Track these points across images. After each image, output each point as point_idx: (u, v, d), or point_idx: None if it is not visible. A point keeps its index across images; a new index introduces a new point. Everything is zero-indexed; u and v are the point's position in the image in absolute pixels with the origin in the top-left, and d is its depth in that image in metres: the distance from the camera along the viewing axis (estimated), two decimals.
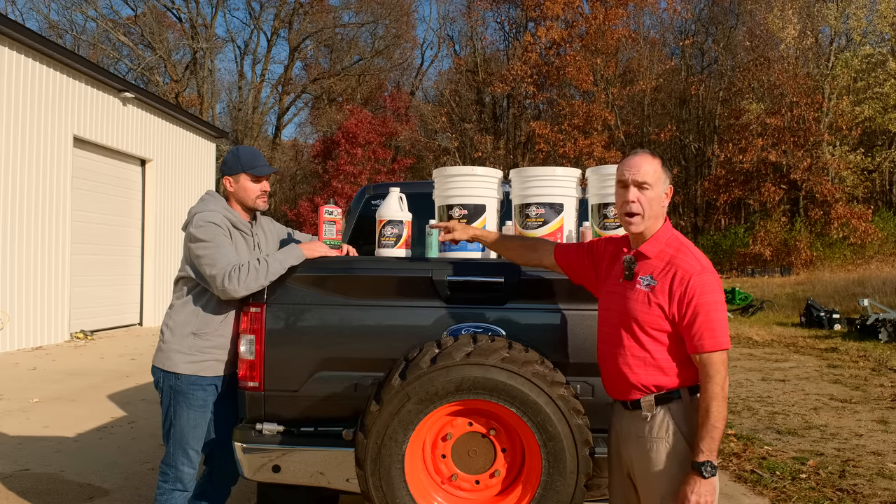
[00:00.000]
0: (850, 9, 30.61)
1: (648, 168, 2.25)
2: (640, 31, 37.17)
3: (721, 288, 2.20)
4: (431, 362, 2.46)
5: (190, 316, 2.91)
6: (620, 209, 2.30)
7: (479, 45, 40.27)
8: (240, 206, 3.06)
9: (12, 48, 10.83)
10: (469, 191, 3.05)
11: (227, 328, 2.93)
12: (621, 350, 2.26)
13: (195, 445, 2.94)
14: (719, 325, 2.12)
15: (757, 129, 31.11)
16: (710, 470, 2.07)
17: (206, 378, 2.92)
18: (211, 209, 2.94)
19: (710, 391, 2.09)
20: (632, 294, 2.25)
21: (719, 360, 2.10)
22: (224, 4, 41.26)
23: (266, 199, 3.10)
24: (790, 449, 5.57)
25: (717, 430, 2.08)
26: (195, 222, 2.88)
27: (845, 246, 28.84)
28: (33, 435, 5.75)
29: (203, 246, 2.82)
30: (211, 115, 36.62)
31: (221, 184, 3.11)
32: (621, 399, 2.30)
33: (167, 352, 2.93)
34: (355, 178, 30.62)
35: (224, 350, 2.94)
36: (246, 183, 3.02)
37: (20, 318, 10.86)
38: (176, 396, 2.91)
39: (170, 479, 2.94)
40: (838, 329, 14.06)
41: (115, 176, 13.88)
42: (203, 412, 2.93)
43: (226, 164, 3.07)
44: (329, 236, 3.06)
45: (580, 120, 33.43)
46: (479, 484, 2.62)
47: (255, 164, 3.03)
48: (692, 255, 2.21)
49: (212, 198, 3.05)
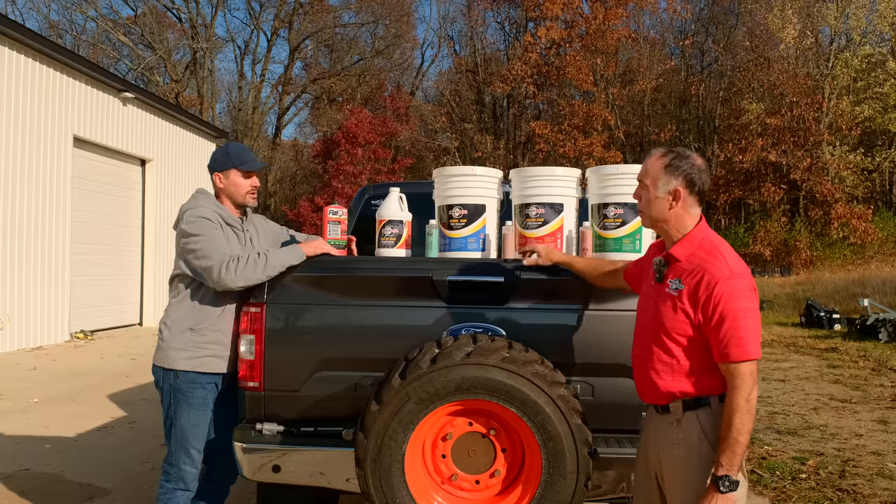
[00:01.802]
0: (850, 9, 30.62)
1: (647, 167, 2.23)
2: (640, 31, 37.19)
3: (752, 294, 2.06)
4: (431, 362, 2.46)
5: (186, 312, 2.91)
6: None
7: (479, 45, 40.31)
8: (230, 203, 3.06)
9: (12, 48, 10.83)
10: (469, 191, 3.05)
11: (223, 323, 2.92)
12: (650, 354, 2.22)
13: (196, 444, 2.94)
14: (748, 334, 2.00)
15: (757, 129, 31.13)
16: (728, 485, 1.99)
17: (206, 375, 2.91)
18: (201, 205, 2.94)
19: (734, 403, 1.99)
20: (661, 298, 2.20)
21: (746, 370, 2.00)
22: (224, 4, 41.29)
23: (255, 195, 3.10)
24: (790, 449, 5.57)
25: (740, 444, 1.99)
26: (185, 219, 2.89)
27: (845, 246, 28.85)
28: (33, 435, 5.75)
29: (195, 240, 2.82)
30: (211, 115, 36.63)
31: (212, 180, 3.11)
32: (651, 403, 2.26)
33: (166, 349, 2.93)
34: (355, 178, 30.61)
35: (222, 346, 2.93)
36: (236, 179, 3.02)
37: (20, 318, 10.86)
38: (176, 395, 2.91)
39: (172, 479, 2.94)
40: (838, 329, 14.06)
41: (115, 176, 13.88)
42: (203, 411, 2.92)
43: (215, 160, 3.06)
44: (333, 236, 3.07)
45: (580, 120, 33.44)
46: (479, 484, 2.62)
47: (245, 160, 3.03)
48: (723, 258, 2.09)
49: (202, 195, 3.05)
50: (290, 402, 2.75)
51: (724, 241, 2.21)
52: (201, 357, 2.90)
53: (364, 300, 2.77)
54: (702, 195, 2.21)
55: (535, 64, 35.95)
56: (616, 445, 2.67)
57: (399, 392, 2.45)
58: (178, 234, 2.91)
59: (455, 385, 2.45)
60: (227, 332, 2.94)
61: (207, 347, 2.90)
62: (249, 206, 3.12)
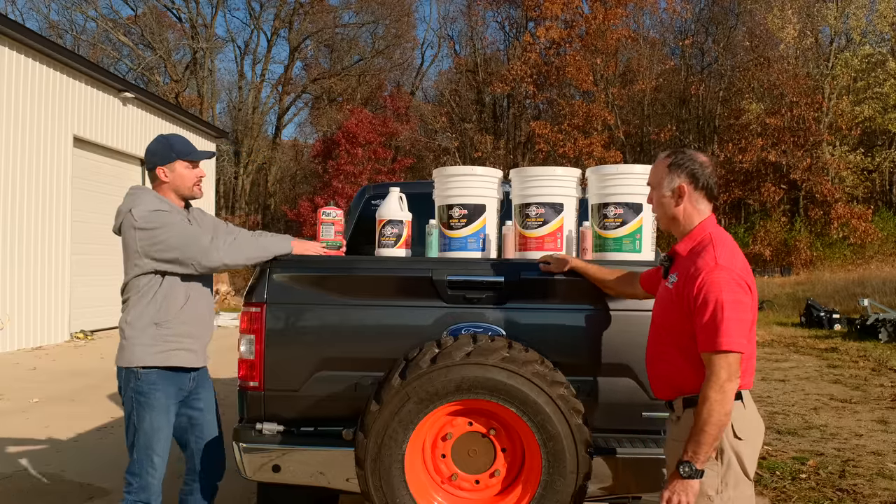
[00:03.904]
0: (849, 9, 30.59)
1: (654, 170, 2.31)
2: (640, 31, 37.17)
3: (738, 286, 2.05)
4: (431, 362, 2.46)
5: (146, 307, 2.79)
6: None
7: (479, 45, 40.26)
8: (174, 195, 2.92)
9: (12, 48, 10.83)
10: (469, 191, 3.06)
11: (189, 314, 2.81)
12: (656, 350, 2.27)
13: (160, 451, 2.82)
14: (725, 325, 2.00)
15: (757, 129, 31.10)
16: (688, 471, 2.01)
17: (168, 375, 2.79)
18: (145, 201, 2.82)
19: (704, 392, 2.01)
20: (664, 294, 2.25)
21: (720, 361, 2.00)
22: (224, 4, 41.24)
23: (201, 185, 2.97)
24: (790, 449, 5.57)
25: (706, 434, 1.99)
26: (136, 217, 2.75)
27: (845, 246, 28.83)
28: (33, 435, 5.75)
29: (159, 232, 2.72)
30: (211, 115, 36.60)
31: (151, 176, 2.92)
32: (662, 399, 2.30)
33: (129, 347, 2.80)
34: (355, 178, 30.57)
35: (192, 339, 2.83)
36: (182, 170, 2.88)
37: (20, 318, 10.86)
38: (137, 398, 2.78)
39: (134, 490, 2.80)
40: (838, 329, 14.05)
41: (115, 176, 13.87)
42: (166, 416, 2.82)
43: (155, 154, 2.90)
44: (327, 237, 3.06)
45: (580, 120, 33.41)
46: (479, 484, 2.63)
47: (190, 150, 2.91)
48: (713, 251, 2.11)
49: (141, 191, 2.91)
50: (290, 402, 2.75)
51: (728, 237, 2.22)
52: (170, 351, 2.79)
53: (364, 300, 2.77)
54: (708, 190, 2.24)
55: (535, 64, 35.92)
56: (616, 445, 2.68)
57: (399, 392, 2.45)
58: (130, 237, 2.79)
59: (455, 385, 2.45)
60: (196, 324, 2.85)
61: (175, 341, 2.80)
62: (196, 198, 2.99)
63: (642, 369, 2.43)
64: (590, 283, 2.70)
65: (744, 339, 2.02)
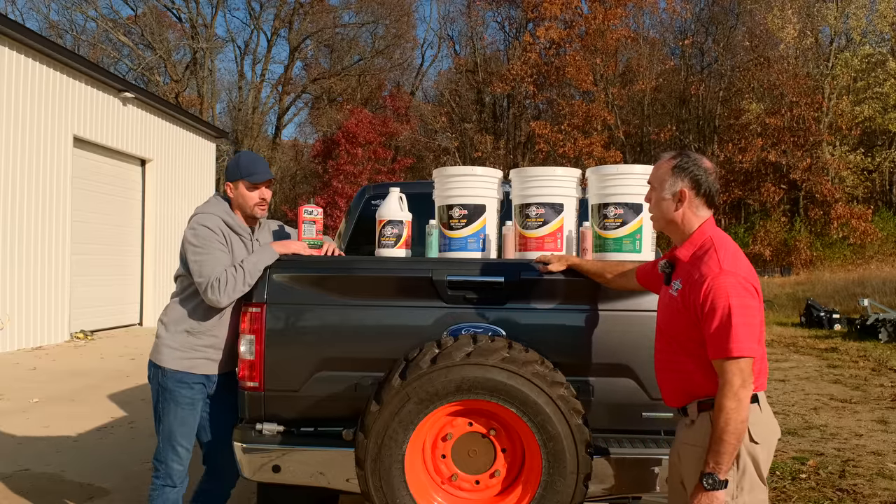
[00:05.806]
0: (849, 9, 30.60)
1: (656, 170, 2.28)
2: (640, 31, 37.17)
3: (745, 291, 2.02)
4: (431, 362, 2.46)
5: (185, 313, 2.92)
6: None
7: (479, 45, 40.28)
8: (239, 212, 3.05)
9: (12, 48, 10.83)
10: (469, 191, 3.05)
11: (221, 329, 2.93)
12: (665, 357, 2.24)
13: (183, 442, 2.95)
14: (735, 331, 1.96)
15: (757, 129, 31.11)
16: (711, 483, 1.99)
17: (194, 376, 2.92)
18: (209, 212, 2.95)
19: (718, 402, 1.98)
20: (668, 300, 2.22)
21: (732, 368, 1.96)
22: (224, 4, 41.26)
23: (265, 207, 3.06)
24: (790, 449, 5.57)
25: (726, 443, 1.96)
26: (191, 223, 2.91)
27: (845, 246, 28.85)
28: (33, 435, 5.75)
29: (194, 251, 2.84)
30: (211, 115, 36.61)
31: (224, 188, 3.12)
32: (674, 406, 2.26)
33: (160, 347, 2.95)
34: (355, 178, 30.59)
35: (217, 350, 2.94)
36: (244, 190, 3.00)
37: (20, 318, 10.86)
38: (163, 392, 2.94)
39: (161, 475, 2.97)
40: (838, 329, 14.06)
41: (115, 176, 13.88)
42: (191, 410, 2.94)
43: (228, 169, 3.08)
44: (308, 236, 3.05)
45: (580, 120, 33.44)
46: (479, 484, 2.62)
47: (252, 172, 3.00)
48: (716, 256, 2.08)
49: (215, 200, 3.06)
50: (291, 402, 2.75)
51: (729, 239, 2.20)
52: (194, 359, 2.91)
53: (364, 300, 2.77)
54: (709, 197, 2.22)
55: (535, 64, 35.94)
56: (616, 445, 2.67)
57: (399, 392, 2.45)
58: (184, 238, 2.91)
59: (455, 385, 2.45)
60: (223, 337, 2.95)
61: (202, 350, 2.92)
62: (258, 217, 3.08)
63: (642, 369, 2.43)
64: (590, 283, 2.69)
65: (754, 343, 2.00)
